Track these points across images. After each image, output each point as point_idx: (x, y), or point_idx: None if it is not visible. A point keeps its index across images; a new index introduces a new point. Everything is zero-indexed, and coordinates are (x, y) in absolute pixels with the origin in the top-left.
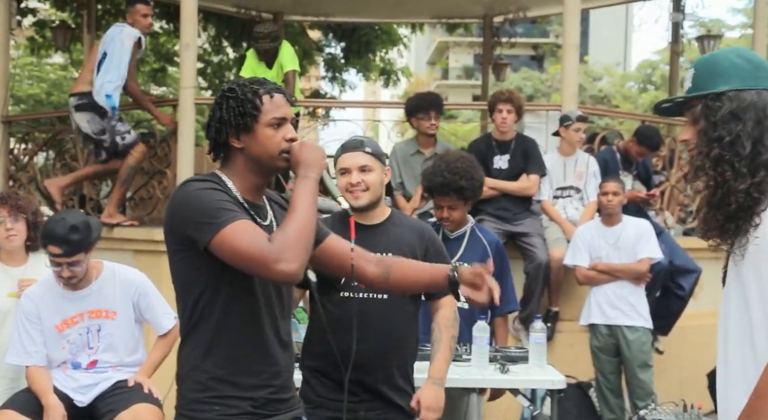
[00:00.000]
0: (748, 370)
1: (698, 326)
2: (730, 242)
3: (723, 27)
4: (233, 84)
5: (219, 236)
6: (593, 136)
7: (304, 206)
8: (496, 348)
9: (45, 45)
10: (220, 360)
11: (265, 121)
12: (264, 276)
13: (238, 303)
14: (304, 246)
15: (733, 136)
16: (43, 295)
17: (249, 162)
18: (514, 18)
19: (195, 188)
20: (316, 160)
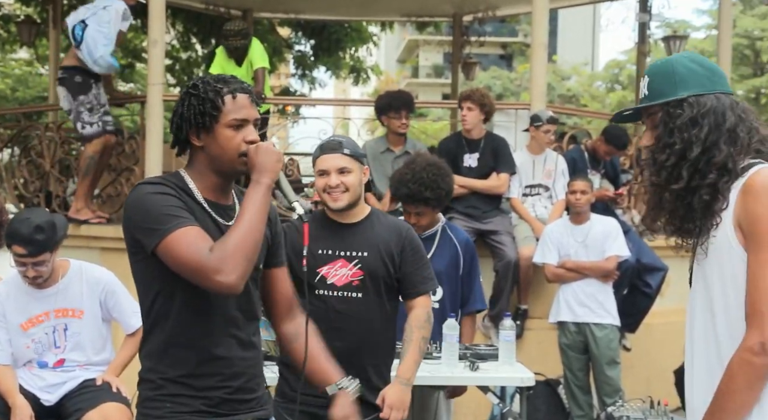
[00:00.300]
0: (713, 369)
1: (665, 323)
2: (692, 242)
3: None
4: (198, 80)
5: (163, 243)
6: (561, 135)
7: (250, 214)
8: (465, 346)
9: (10, 40)
10: (173, 362)
11: (225, 121)
12: (204, 286)
13: (191, 306)
14: (246, 256)
15: (683, 142)
16: (8, 293)
17: (209, 161)
18: (483, 17)
19: (145, 192)
20: (271, 165)
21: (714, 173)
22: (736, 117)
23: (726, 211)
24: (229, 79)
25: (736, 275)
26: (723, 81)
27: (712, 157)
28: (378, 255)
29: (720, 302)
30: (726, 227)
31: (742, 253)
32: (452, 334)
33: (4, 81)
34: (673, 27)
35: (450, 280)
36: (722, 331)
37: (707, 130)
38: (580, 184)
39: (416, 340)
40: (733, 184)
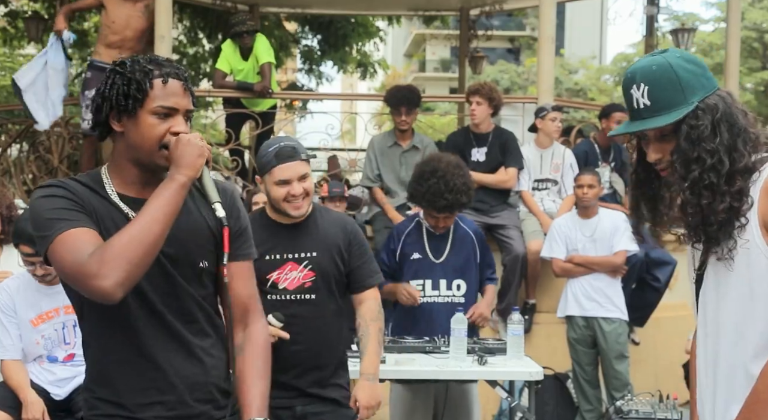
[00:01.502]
0: (738, 373)
1: (674, 317)
2: (705, 246)
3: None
4: (128, 58)
5: (50, 250)
6: (569, 128)
7: (149, 214)
8: (474, 340)
9: (17, 36)
10: (101, 379)
11: (150, 107)
12: (84, 292)
13: (115, 319)
14: (130, 259)
15: (715, 157)
16: (18, 288)
17: (128, 150)
18: (491, 10)
19: (35, 197)
20: (190, 159)
21: (740, 179)
22: (740, 113)
23: (750, 211)
24: (163, 63)
25: (764, 278)
26: (711, 74)
27: (733, 162)
28: (327, 253)
29: (752, 307)
30: (752, 228)
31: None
32: (460, 328)
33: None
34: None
35: (470, 273)
36: (754, 337)
37: (727, 135)
38: (587, 178)
39: (374, 333)
40: (752, 180)
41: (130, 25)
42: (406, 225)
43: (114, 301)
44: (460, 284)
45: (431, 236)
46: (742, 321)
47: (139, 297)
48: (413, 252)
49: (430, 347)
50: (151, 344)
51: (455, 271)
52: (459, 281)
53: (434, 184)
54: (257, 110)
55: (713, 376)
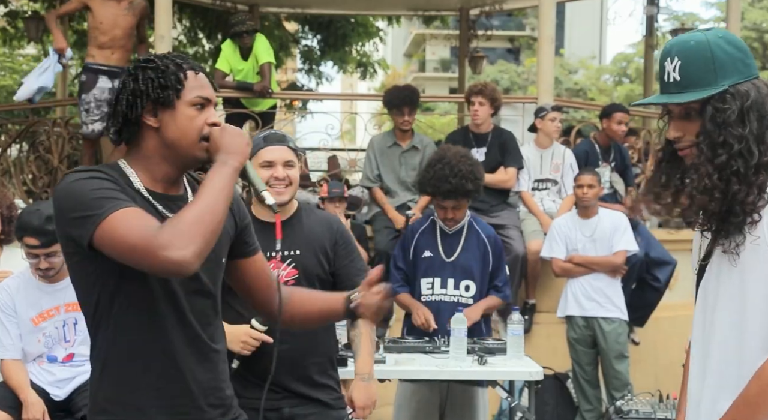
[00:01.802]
0: (729, 366)
1: (673, 317)
2: (713, 237)
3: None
4: (150, 55)
5: (100, 229)
6: (569, 128)
7: (212, 192)
8: (474, 340)
9: (17, 36)
10: (114, 378)
11: (188, 98)
12: (150, 267)
13: (134, 312)
14: (202, 235)
15: (743, 143)
16: (18, 287)
17: (163, 146)
18: (491, 10)
19: (72, 179)
20: (239, 147)
21: (764, 173)
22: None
23: (765, 209)
24: (185, 56)
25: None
26: (754, 62)
27: (761, 155)
28: (311, 251)
29: (755, 304)
30: (764, 226)
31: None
32: (460, 328)
33: (11, 77)
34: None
35: (480, 276)
36: (752, 337)
37: (756, 125)
38: (587, 178)
39: (366, 333)
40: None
41: (118, 24)
42: (420, 223)
43: (189, 274)
44: (468, 285)
45: (444, 235)
46: (738, 319)
47: (168, 295)
48: (425, 250)
49: (430, 347)
50: (174, 346)
51: (464, 272)
52: (468, 282)
53: (440, 169)
54: (257, 110)
55: (704, 369)
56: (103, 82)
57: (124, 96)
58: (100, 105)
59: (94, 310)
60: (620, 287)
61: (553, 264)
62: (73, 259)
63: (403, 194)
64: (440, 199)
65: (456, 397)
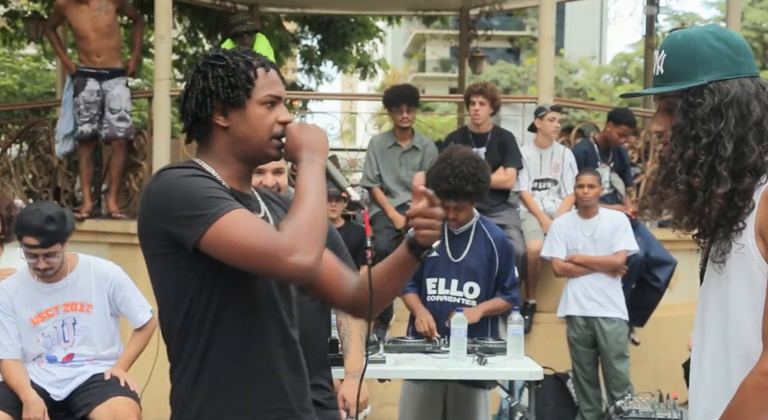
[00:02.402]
0: (719, 375)
1: (674, 317)
2: (709, 242)
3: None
4: (219, 51)
5: (213, 230)
6: (569, 128)
7: (314, 191)
8: (474, 340)
9: (17, 36)
10: (213, 382)
11: (259, 97)
12: (275, 272)
13: (235, 314)
14: (320, 234)
15: (713, 136)
16: (17, 288)
17: (234, 145)
18: (491, 10)
19: (177, 176)
20: (320, 144)
21: (749, 177)
22: (762, 107)
23: (749, 216)
24: (256, 52)
25: (758, 289)
26: (749, 61)
27: (742, 156)
28: None
29: (736, 314)
30: (748, 234)
31: (761, 264)
32: (460, 327)
33: (12, 77)
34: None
35: (485, 278)
36: (736, 345)
37: (734, 122)
38: (588, 178)
39: (355, 330)
40: (758, 184)
41: (95, 27)
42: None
43: (312, 279)
44: (473, 287)
45: (452, 236)
46: (724, 329)
47: (268, 297)
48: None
49: (430, 347)
50: (271, 350)
51: (469, 273)
52: (472, 284)
53: (442, 169)
54: None
55: (699, 375)
56: (92, 85)
57: (194, 94)
58: (89, 107)
59: (185, 315)
60: (620, 287)
61: (553, 264)
62: (165, 260)
63: (403, 194)
64: (442, 199)
65: (458, 397)
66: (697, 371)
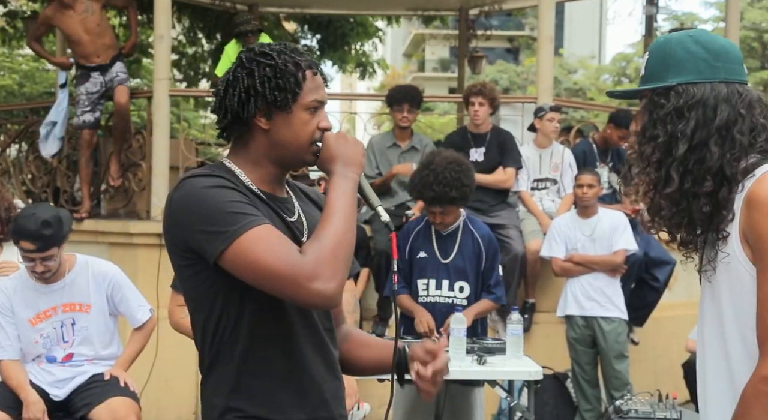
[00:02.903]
0: (722, 384)
1: (673, 317)
2: (698, 254)
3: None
4: (265, 47)
5: (233, 248)
6: (568, 128)
7: (343, 211)
8: (473, 340)
9: (17, 36)
10: (252, 394)
11: (305, 102)
12: (294, 297)
13: (268, 322)
14: (344, 260)
15: (667, 136)
16: (16, 288)
17: (271, 148)
18: (490, 10)
19: (199, 186)
20: (356, 157)
21: (710, 180)
22: (733, 112)
23: (732, 224)
24: (303, 51)
25: (746, 293)
26: (729, 66)
27: (702, 159)
28: None
29: (732, 324)
30: (733, 241)
31: (751, 269)
32: (459, 327)
33: (11, 77)
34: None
35: (474, 277)
36: (734, 352)
37: (694, 124)
38: (587, 178)
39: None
40: (737, 191)
41: (85, 29)
42: (416, 223)
43: (331, 307)
44: (463, 286)
45: (440, 236)
46: (720, 338)
47: None
48: (421, 250)
49: None
50: (307, 357)
51: (458, 273)
52: (462, 283)
53: (425, 175)
54: None
55: (703, 385)
56: (96, 77)
57: (236, 92)
58: (90, 96)
59: (215, 326)
60: (620, 287)
61: (552, 263)
62: (191, 271)
63: (402, 194)
64: (426, 205)
65: (452, 397)
66: (702, 382)
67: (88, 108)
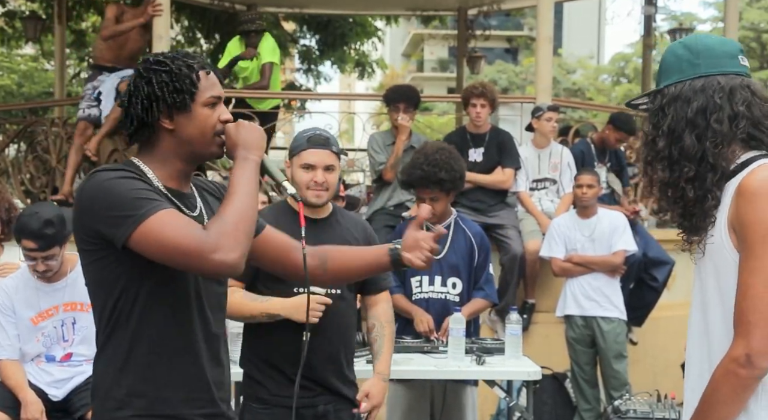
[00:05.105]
0: (702, 370)
1: (671, 317)
2: (694, 239)
3: (695, 20)
4: (160, 56)
5: (141, 230)
6: (567, 128)
7: (244, 190)
8: (472, 340)
9: (15, 36)
10: (139, 372)
11: (202, 99)
12: (200, 269)
13: (161, 308)
14: (245, 233)
15: (653, 133)
16: (17, 287)
17: (178, 146)
18: (489, 10)
19: (104, 178)
20: (256, 141)
21: (688, 166)
22: (708, 101)
23: (720, 211)
24: (193, 54)
25: (729, 277)
26: (711, 61)
27: (682, 149)
28: None
29: (715, 305)
30: (720, 228)
31: (735, 256)
32: (458, 327)
33: (9, 77)
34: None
35: (467, 273)
36: (716, 335)
37: (670, 119)
38: (587, 178)
39: (389, 335)
40: (729, 181)
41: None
42: (406, 224)
43: (237, 274)
44: (455, 282)
45: None
46: (703, 324)
47: (195, 291)
48: None
49: (429, 347)
50: (196, 341)
51: (451, 269)
52: (454, 279)
53: (416, 158)
54: (259, 110)
55: (688, 370)
56: (104, 76)
57: (139, 100)
58: (96, 88)
59: (113, 307)
60: (619, 287)
61: (552, 263)
62: (95, 256)
63: (400, 193)
64: (417, 190)
65: (446, 396)
66: (688, 368)
67: (94, 104)
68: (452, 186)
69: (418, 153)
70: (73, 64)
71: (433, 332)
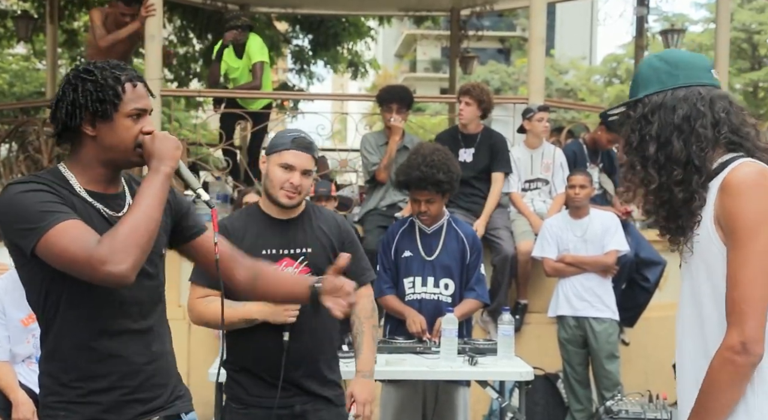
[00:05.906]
0: (699, 364)
1: (663, 317)
2: (680, 239)
3: (686, 21)
4: (90, 65)
5: (43, 241)
6: (559, 129)
7: (145, 202)
8: (464, 340)
9: (7, 35)
10: (64, 365)
11: (125, 111)
12: (92, 279)
13: (79, 305)
14: (138, 245)
15: (639, 140)
16: (7, 289)
17: (100, 152)
18: (481, 11)
19: (15, 192)
20: (169, 152)
21: (677, 170)
22: (692, 109)
23: (705, 209)
24: (124, 66)
25: (720, 271)
26: (689, 72)
27: (670, 154)
28: (322, 249)
29: (708, 300)
30: (707, 224)
31: (723, 249)
32: (451, 328)
33: (1, 76)
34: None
35: (459, 274)
36: (710, 329)
37: (657, 126)
38: (579, 179)
39: (368, 331)
40: (711, 181)
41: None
42: (399, 225)
43: (127, 285)
44: (447, 283)
45: (424, 234)
46: (697, 320)
47: (115, 296)
48: (405, 249)
49: (421, 348)
50: (113, 330)
51: (443, 270)
52: (447, 280)
53: (413, 159)
54: (251, 110)
55: (680, 367)
56: None
57: (64, 105)
58: None
59: (42, 310)
60: (611, 287)
61: (544, 264)
62: (20, 264)
63: (393, 194)
64: (413, 191)
65: (438, 396)
66: (680, 365)
67: None
68: (449, 187)
69: (415, 154)
70: (65, 64)
71: (426, 333)
